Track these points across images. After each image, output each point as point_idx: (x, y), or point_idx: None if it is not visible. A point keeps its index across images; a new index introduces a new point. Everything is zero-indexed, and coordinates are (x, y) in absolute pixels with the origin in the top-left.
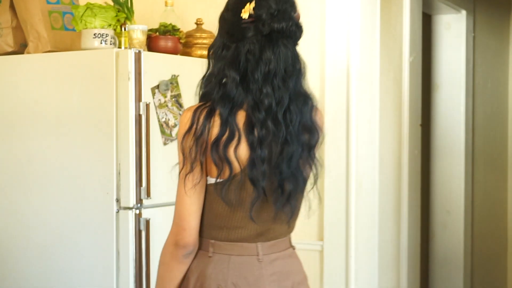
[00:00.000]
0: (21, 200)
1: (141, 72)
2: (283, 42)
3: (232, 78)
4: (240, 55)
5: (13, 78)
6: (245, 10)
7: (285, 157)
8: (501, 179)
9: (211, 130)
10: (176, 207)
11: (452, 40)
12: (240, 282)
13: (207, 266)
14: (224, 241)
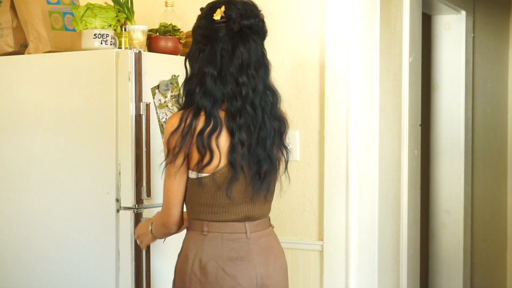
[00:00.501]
0: (21, 200)
1: (141, 72)
2: (252, 37)
3: (210, 74)
4: (216, 53)
5: (13, 79)
6: (217, 13)
7: (261, 140)
8: (501, 179)
9: (197, 126)
10: (164, 198)
11: (452, 40)
12: (232, 255)
13: (203, 243)
14: (216, 221)
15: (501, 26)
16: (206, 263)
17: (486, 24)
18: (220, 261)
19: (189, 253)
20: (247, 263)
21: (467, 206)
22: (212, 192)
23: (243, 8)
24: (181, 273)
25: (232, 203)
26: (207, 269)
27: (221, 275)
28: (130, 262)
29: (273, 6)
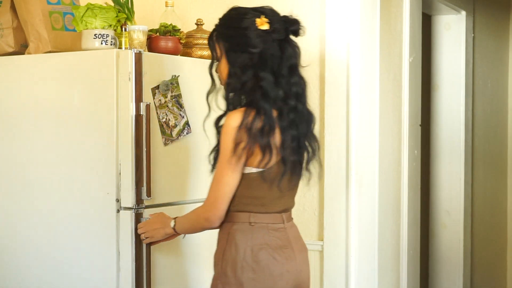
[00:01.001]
0: (21, 200)
1: (141, 72)
2: (293, 40)
3: (267, 79)
4: (266, 59)
5: (13, 79)
6: (261, 22)
7: (304, 134)
8: (501, 179)
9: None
10: (213, 191)
11: (452, 40)
12: (278, 244)
13: (252, 233)
14: (261, 213)
15: (501, 26)
16: (257, 252)
17: (486, 24)
18: (269, 249)
19: (239, 243)
20: (290, 251)
21: (467, 206)
22: (264, 185)
23: (279, 15)
24: (232, 262)
25: (280, 196)
26: (259, 257)
27: (272, 262)
28: (131, 262)
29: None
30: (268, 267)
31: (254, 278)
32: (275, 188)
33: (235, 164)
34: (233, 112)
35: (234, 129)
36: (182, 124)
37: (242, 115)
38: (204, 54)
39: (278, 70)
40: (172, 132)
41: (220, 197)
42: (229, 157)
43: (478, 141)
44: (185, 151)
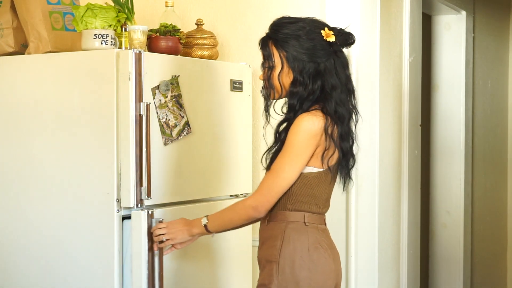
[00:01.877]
0: (21, 200)
1: (141, 72)
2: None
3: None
4: (331, 69)
5: (13, 79)
6: (328, 34)
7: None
8: (501, 179)
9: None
10: (269, 183)
11: (452, 40)
12: (327, 243)
13: (307, 233)
14: (314, 213)
15: (501, 26)
16: (313, 251)
17: (486, 24)
18: (322, 249)
19: (297, 242)
20: (335, 251)
21: (467, 206)
22: (322, 185)
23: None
24: (290, 261)
25: (328, 198)
26: (314, 256)
27: (324, 262)
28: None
29: (273, 6)
30: (321, 266)
31: (309, 276)
32: (329, 189)
33: (298, 163)
34: (309, 114)
35: (310, 131)
36: (182, 124)
37: (322, 119)
38: (204, 54)
39: (340, 79)
40: (172, 132)
41: (274, 189)
42: (296, 155)
43: (478, 141)
44: (185, 151)
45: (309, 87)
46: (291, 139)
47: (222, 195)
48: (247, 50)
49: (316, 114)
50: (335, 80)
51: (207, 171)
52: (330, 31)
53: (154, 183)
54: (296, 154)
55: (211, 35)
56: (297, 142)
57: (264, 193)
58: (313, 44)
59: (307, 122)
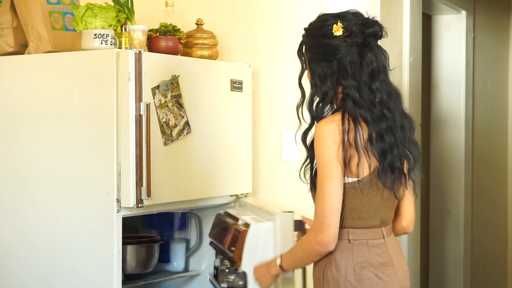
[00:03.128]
0: (21, 200)
1: (141, 72)
2: (375, 43)
3: (351, 86)
4: (346, 66)
5: (13, 79)
6: (337, 29)
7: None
8: (501, 179)
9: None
10: (320, 207)
11: (452, 40)
12: (380, 261)
13: (352, 251)
14: (360, 228)
15: (501, 26)
16: (359, 270)
17: (486, 24)
18: (372, 267)
19: (340, 262)
20: (392, 268)
21: (467, 206)
22: (360, 196)
23: (359, 18)
24: (334, 282)
25: (378, 207)
26: (362, 276)
27: (375, 281)
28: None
29: (273, 6)
30: (372, 286)
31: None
32: (373, 199)
33: (336, 174)
34: (324, 121)
35: (328, 138)
36: (182, 124)
37: (338, 124)
38: (204, 54)
39: (359, 77)
40: (172, 132)
41: (328, 212)
42: (328, 167)
43: (478, 141)
44: (185, 151)
45: (322, 88)
46: (317, 153)
47: (222, 195)
48: (247, 50)
49: (331, 120)
50: (349, 79)
51: (207, 171)
52: (340, 24)
53: (154, 183)
54: (327, 166)
55: (211, 35)
56: (322, 153)
57: (321, 220)
58: (324, 41)
59: (322, 129)
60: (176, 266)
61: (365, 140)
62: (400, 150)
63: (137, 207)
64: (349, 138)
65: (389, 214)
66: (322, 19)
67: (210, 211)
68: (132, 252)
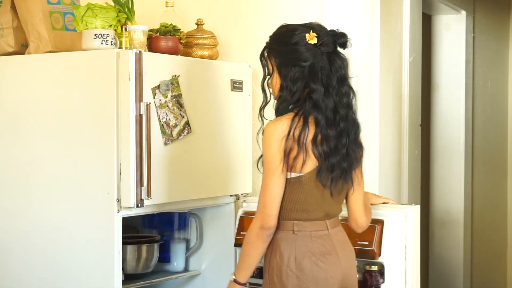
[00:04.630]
0: (21, 200)
1: (141, 72)
2: (341, 52)
3: (318, 90)
4: (317, 71)
5: (14, 79)
6: (310, 37)
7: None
8: (501, 179)
9: (309, 132)
10: (262, 198)
11: (452, 40)
12: (321, 250)
13: (295, 241)
14: (304, 221)
15: (501, 26)
16: (301, 259)
17: (486, 24)
18: (313, 257)
19: (284, 251)
20: (334, 257)
21: (467, 206)
22: (305, 189)
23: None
24: (278, 269)
25: (322, 201)
26: (303, 264)
27: (315, 269)
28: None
29: (273, 6)
30: (312, 274)
31: (299, 285)
32: (315, 194)
33: (277, 169)
34: (274, 120)
35: (273, 136)
36: (182, 124)
37: (288, 122)
38: (204, 54)
39: (328, 81)
40: (172, 132)
41: (268, 203)
42: (271, 163)
43: (478, 141)
44: (185, 151)
45: (293, 90)
46: (263, 149)
47: (222, 195)
48: (247, 50)
49: (282, 118)
50: (318, 83)
51: (207, 171)
52: (313, 34)
53: (154, 183)
54: (269, 163)
55: (211, 35)
56: (267, 149)
57: (261, 209)
58: (297, 48)
59: (269, 127)
60: (176, 266)
61: (309, 140)
62: (349, 150)
63: (137, 207)
64: (294, 133)
65: (334, 208)
66: (291, 28)
67: (210, 211)
68: (132, 252)
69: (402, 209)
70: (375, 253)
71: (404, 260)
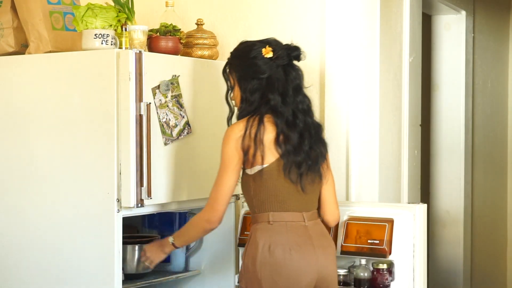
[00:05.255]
0: (22, 200)
1: (141, 72)
2: (296, 64)
3: (276, 99)
4: (274, 82)
5: (14, 79)
6: (266, 51)
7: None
8: (501, 179)
9: (265, 132)
10: (214, 193)
11: (452, 40)
12: (296, 240)
13: (270, 231)
14: (280, 212)
15: (501, 26)
16: (274, 248)
17: (486, 24)
18: (287, 246)
19: (259, 241)
20: (309, 247)
21: (467, 206)
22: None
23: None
24: (253, 258)
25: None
26: (275, 253)
27: (288, 257)
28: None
29: (273, 6)
30: (284, 262)
31: (271, 273)
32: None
33: (230, 168)
34: (232, 124)
35: (230, 137)
36: (182, 124)
37: (244, 123)
38: (204, 54)
39: (285, 91)
40: (172, 132)
41: (218, 199)
42: (225, 162)
43: (478, 141)
44: (185, 151)
45: (251, 100)
46: (221, 150)
47: None
48: None
49: (239, 122)
50: (275, 93)
51: (207, 171)
52: (269, 48)
53: (154, 183)
54: (225, 161)
55: (211, 35)
56: (223, 150)
57: (212, 204)
58: (254, 62)
59: (227, 130)
60: (176, 266)
61: (270, 139)
62: (313, 148)
63: (137, 207)
64: (251, 132)
65: (310, 202)
66: (249, 44)
67: None
68: (132, 252)
69: (411, 208)
70: (386, 251)
71: (412, 258)
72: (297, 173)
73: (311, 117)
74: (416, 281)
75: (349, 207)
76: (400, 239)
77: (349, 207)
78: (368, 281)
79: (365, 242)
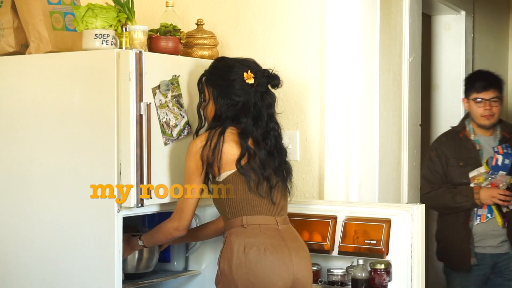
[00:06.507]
0: (22, 200)
1: (142, 72)
2: (271, 90)
3: (247, 123)
4: (249, 107)
5: (14, 79)
6: (248, 77)
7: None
8: None
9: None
10: (180, 204)
11: (452, 40)
12: (270, 241)
13: (245, 234)
14: (253, 215)
15: (501, 26)
16: (249, 249)
17: (486, 24)
18: (262, 247)
19: (234, 244)
20: (283, 248)
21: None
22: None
23: (262, 69)
24: (228, 261)
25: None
26: (249, 254)
27: (263, 258)
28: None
29: (273, 7)
30: (259, 263)
31: (247, 274)
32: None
33: (193, 179)
34: (196, 139)
35: (191, 150)
36: (182, 124)
37: (206, 135)
38: (205, 54)
39: (258, 115)
40: (172, 132)
41: (184, 209)
42: (188, 174)
43: None
44: (185, 151)
45: (222, 118)
46: (184, 162)
47: None
48: (247, 50)
49: (201, 135)
50: (249, 117)
51: None
52: (251, 74)
53: (154, 183)
54: (188, 173)
55: (211, 35)
56: (186, 163)
57: (179, 214)
58: (234, 84)
59: (191, 143)
60: (176, 266)
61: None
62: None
63: (137, 207)
64: (211, 144)
65: (280, 210)
66: (230, 64)
67: (210, 211)
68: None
69: (408, 208)
70: (383, 251)
71: (410, 258)
72: (266, 188)
73: (279, 143)
74: (414, 281)
75: (347, 207)
76: (398, 239)
77: (347, 207)
78: (366, 281)
79: (362, 242)
